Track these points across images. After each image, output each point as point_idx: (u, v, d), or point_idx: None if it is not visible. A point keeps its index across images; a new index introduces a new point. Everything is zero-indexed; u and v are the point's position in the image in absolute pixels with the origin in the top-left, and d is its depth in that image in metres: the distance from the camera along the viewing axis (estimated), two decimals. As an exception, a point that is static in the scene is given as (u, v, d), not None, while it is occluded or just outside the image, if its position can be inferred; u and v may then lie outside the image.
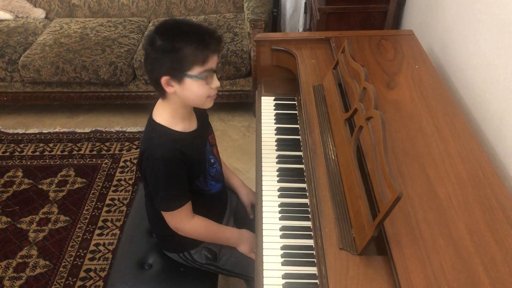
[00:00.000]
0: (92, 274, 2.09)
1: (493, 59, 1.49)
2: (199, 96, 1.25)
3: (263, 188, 1.45)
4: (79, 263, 2.13)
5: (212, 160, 1.43)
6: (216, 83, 1.26)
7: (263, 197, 1.41)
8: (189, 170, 1.31)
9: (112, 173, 2.64)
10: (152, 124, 1.31)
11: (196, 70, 1.20)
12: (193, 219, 1.37)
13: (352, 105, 1.34)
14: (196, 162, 1.35)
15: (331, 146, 1.40)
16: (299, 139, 1.61)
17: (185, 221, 1.36)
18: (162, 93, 1.26)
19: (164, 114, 1.30)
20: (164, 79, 1.20)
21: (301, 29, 3.27)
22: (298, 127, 1.67)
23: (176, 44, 1.17)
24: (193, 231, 1.39)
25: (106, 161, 2.73)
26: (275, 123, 1.71)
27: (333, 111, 1.48)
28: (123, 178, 2.60)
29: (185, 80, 1.20)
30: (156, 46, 1.19)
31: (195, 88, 1.22)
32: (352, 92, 1.37)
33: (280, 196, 1.41)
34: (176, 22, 1.24)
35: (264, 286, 1.16)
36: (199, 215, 1.39)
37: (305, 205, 1.37)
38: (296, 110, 1.76)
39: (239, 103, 3.07)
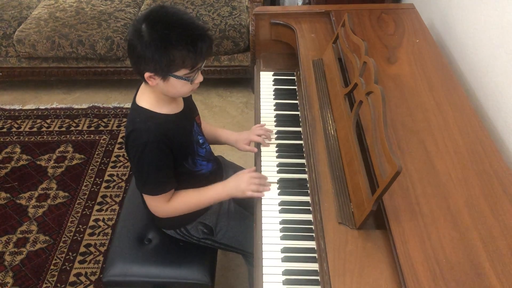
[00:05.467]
0: (92, 249, 2.11)
1: (494, 33, 1.47)
2: (182, 92, 1.25)
3: (262, 163, 1.44)
4: (79, 238, 2.15)
5: (201, 141, 1.42)
6: (199, 78, 1.23)
7: (262, 172, 1.41)
8: (175, 153, 1.30)
9: (111, 149, 2.63)
10: (137, 109, 1.29)
11: (182, 72, 1.18)
12: (170, 200, 1.35)
13: (352, 80, 1.33)
14: (184, 144, 1.33)
15: (330, 122, 1.39)
16: (298, 114, 1.60)
17: (163, 205, 1.34)
18: (144, 81, 1.23)
19: (148, 98, 1.28)
20: (147, 74, 1.18)
21: (300, 3, 3.22)
22: (297, 103, 1.66)
23: (166, 46, 1.12)
24: (173, 210, 1.37)
25: (104, 137, 2.72)
26: (274, 99, 1.70)
27: (333, 86, 1.47)
28: (121, 154, 2.59)
29: (170, 78, 1.18)
30: (143, 42, 1.13)
31: (178, 86, 1.21)
32: (352, 66, 1.35)
33: (279, 172, 1.41)
34: (166, 16, 1.15)
35: (263, 260, 1.17)
36: (176, 191, 1.37)
37: (304, 180, 1.37)
38: (295, 86, 1.75)
39: (238, 79, 3.05)
